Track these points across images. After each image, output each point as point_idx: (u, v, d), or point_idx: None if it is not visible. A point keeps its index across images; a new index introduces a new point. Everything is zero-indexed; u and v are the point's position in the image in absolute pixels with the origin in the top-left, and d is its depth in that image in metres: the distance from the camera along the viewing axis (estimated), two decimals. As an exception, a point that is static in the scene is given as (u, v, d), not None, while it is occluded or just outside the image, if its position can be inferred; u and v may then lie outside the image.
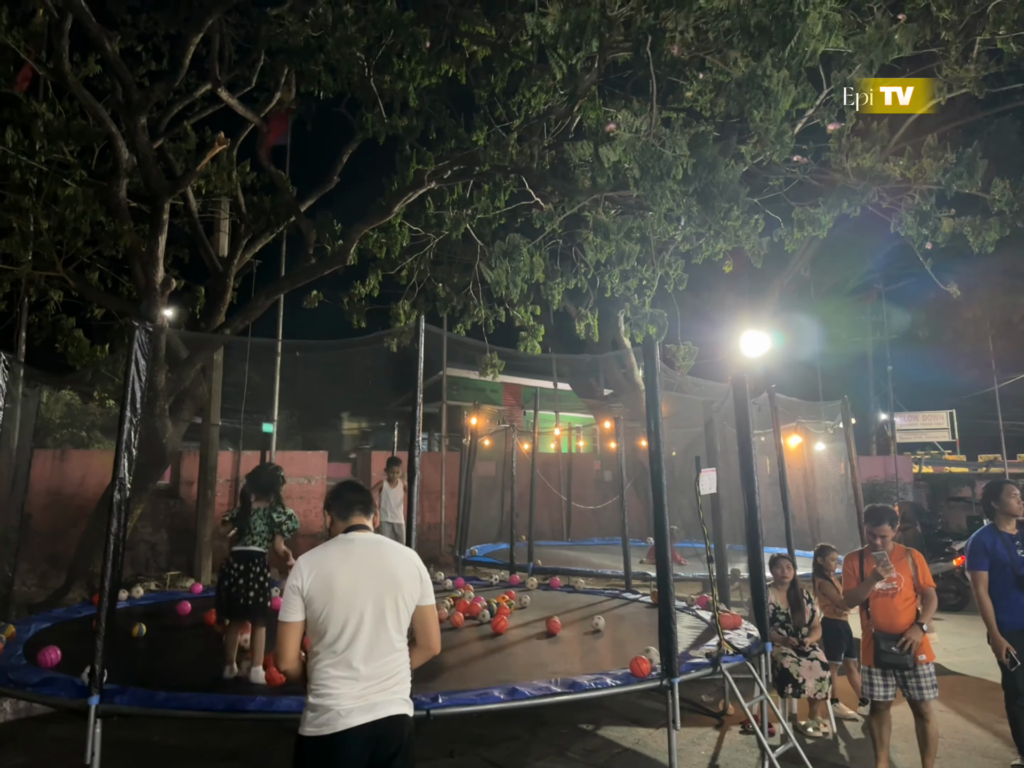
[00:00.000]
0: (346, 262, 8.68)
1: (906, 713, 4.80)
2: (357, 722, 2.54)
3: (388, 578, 2.70)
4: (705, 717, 6.07)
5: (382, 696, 2.61)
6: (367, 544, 2.78)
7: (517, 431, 12.36)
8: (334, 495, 2.96)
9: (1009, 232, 6.40)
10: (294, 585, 2.62)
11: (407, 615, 2.73)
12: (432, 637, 2.83)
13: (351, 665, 2.58)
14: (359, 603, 2.62)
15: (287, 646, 2.62)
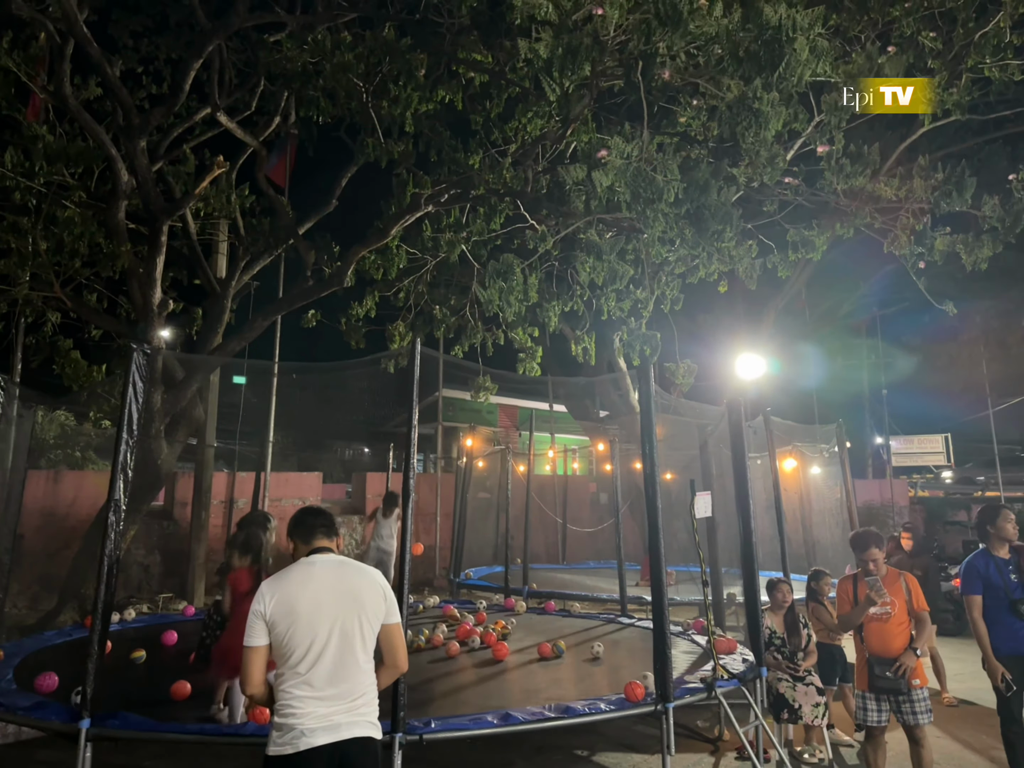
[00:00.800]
0: (344, 284, 8.73)
1: (902, 739, 4.78)
2: (320, 742, 2.57)
3: (351, 598, 2.73)
4: (701, 743, 6.02)
5: (347, 717, 2.64)
6: (328, 565, 2.81)
7: (512, 453, 12.36)
8: (296, 521, 2.99)
9: (1001, 248, 6.48)
10: (257, 610, 2.67)
11: (372, 635, 2.76)
12: (398, 656, 2.85)
13: (314, 686, 2.61)
14: (322, 625, 2.66)
15: (252, 671, 2.65)
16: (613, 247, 6.07)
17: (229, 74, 10.27)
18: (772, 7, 4.66)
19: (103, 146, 8.75)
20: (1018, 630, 4.82)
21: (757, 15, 4.64)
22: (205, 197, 10.06)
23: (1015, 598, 4.87)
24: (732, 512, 5.98)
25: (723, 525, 7.60)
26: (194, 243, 10.25)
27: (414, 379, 3.94)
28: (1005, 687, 4.72)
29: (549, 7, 5.03)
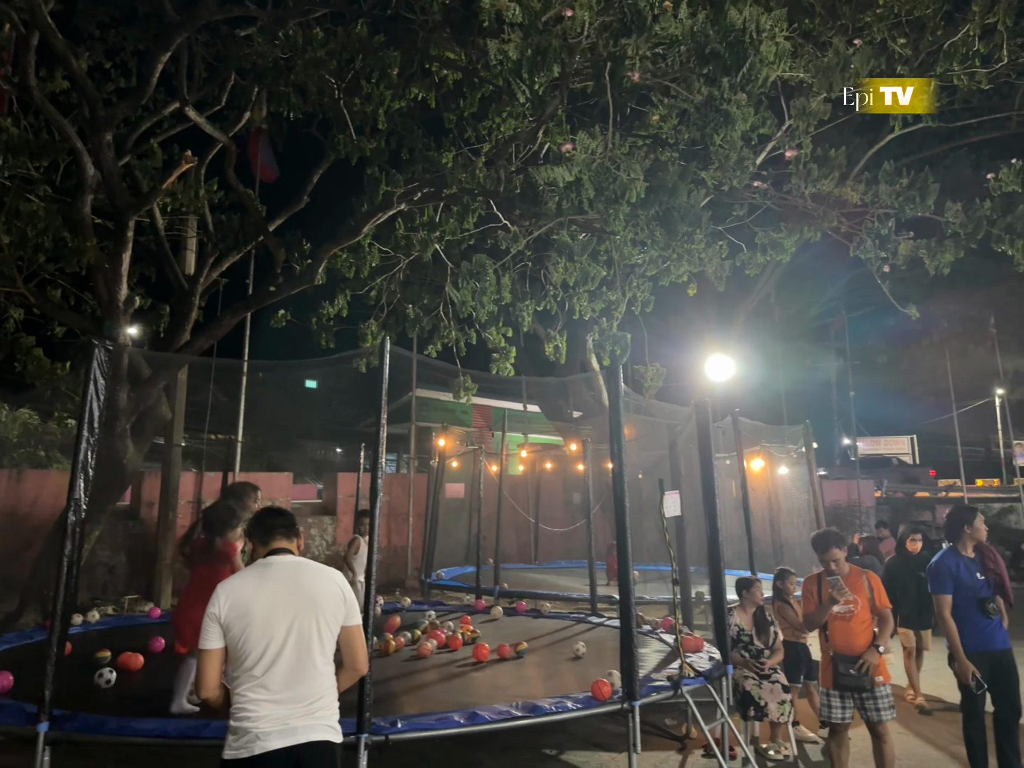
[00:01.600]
0: (314, 282, 8.65)
1: (866, 735, 4.85)
2: (275, 746, 2.53)
3: (308, 600, 2.69)
4: (668, 741, 6.06)
5: (304, 721, 2.60)
6: (285, 567, 2.77)
7: (485, 452, 12.35)
8: (255, 522, 2.95)
9: (963, 254, 6.62)
10: (212, 613, 2.63)
11: (331, 637, 2.72)
12: (358, 658, 2.82)
13: (270, 689, 2.58)
14: (279, 627, 2.62)
15: (207, 674, 2.62)
16: (585, 248, 6.09)
17: (198, 68, 10.12)
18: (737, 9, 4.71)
19: (68, 139, 8.59)
20: (984, 628, 4.93)
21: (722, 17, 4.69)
22: (173, 192, 9.92)
23: (983, 596, 4.99)
24: (701, 511, 6.03)
25: (692, 524, 7.66)
26: (162, 239, 10.09)
27: (383, 377, 3.91)
28: (976, 685, 4.80)
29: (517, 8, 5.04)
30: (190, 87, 9.59)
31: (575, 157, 5.23)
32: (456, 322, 9.06)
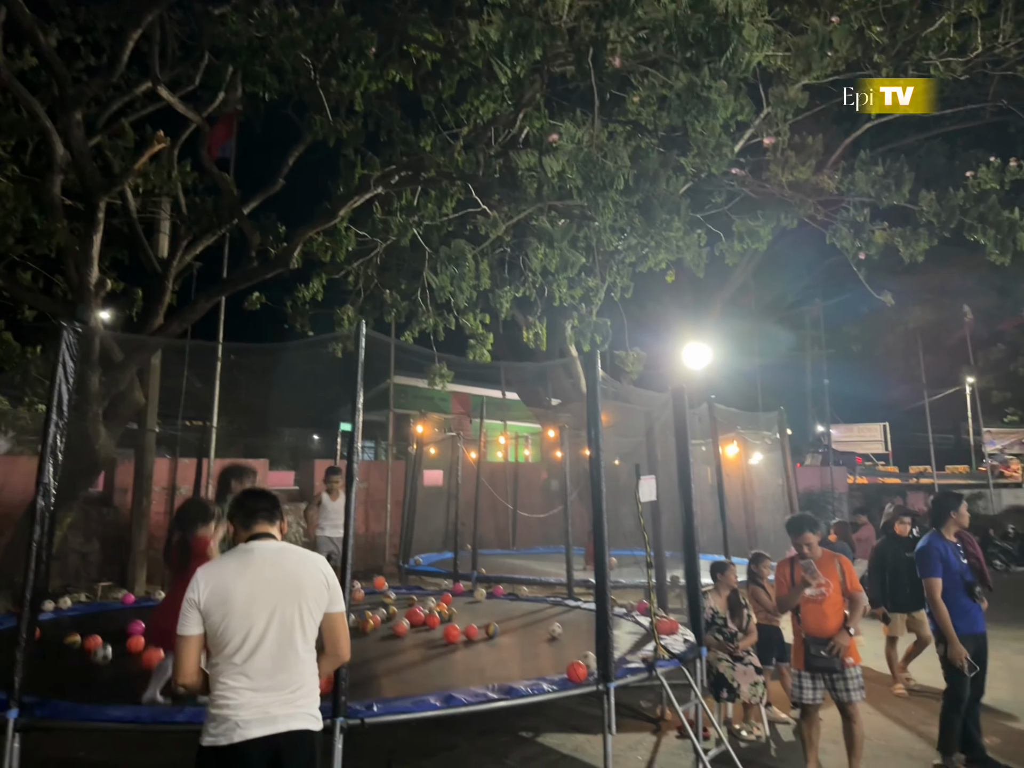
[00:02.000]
0: (289, 265, 8.56)
1: (837, 716, 4.94)
2: (255, 734, 2.51)
3: (291, 587, 2.66)
4: (643, 722, 6.13)
5: (284, 709, 2.57)
6: (268, 552, 2.72)
7: (463, 439, 12.35)
8: (236, 504, 2.90)
9: (937, 242, 6.72)
10: (191, 598, 2.59)
11: (313, 624, 2.69)
12: (341, 645, 2.78)
13: (251, 677, 2.55)
14: (260, 614, 2.59)
15: (186, 660, 2.58)
16: (564, 234, 6.08)
17: (171, 47, 9.93)
18: None
19: (37, 118, 8.40)
20: (970, 610, 5.10)
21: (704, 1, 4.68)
22: (145, 173, 9.74)
23: (968, 580, 5.14)
24: (677, 497, 6.07)
25: (667, 509, 7.72)
26: (134, 221, 9.92)
27: (359, 361, 3.88)
28: (968, 667, 4.94)
29: (499, -10, 5.00)
30: (163, 66, 9.40)
31: (562, 147, 5.20)
32: (434, 308, 9.01)
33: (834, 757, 5.12)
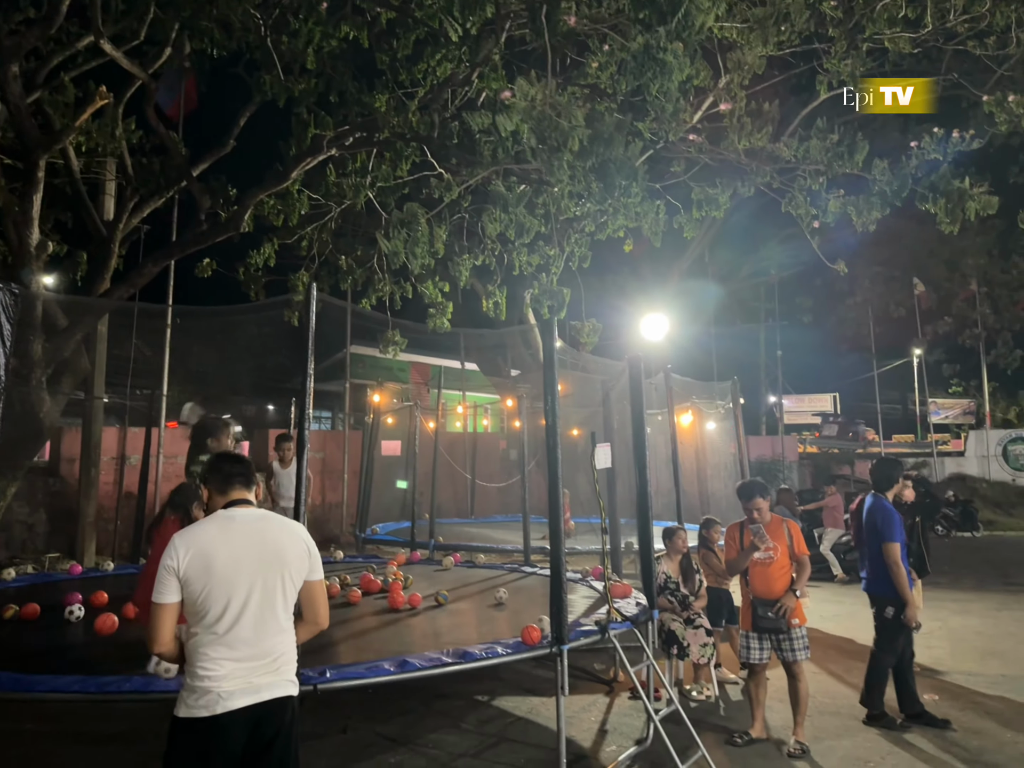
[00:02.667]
0: (240, 229, 8.33)
1: (783, 675, 5.09)
2: (239, 704, 2.47)
3: (273, 555, 2.62)
4: (597, 684, 6.26)
5: (267, 678, 2.55)
6: (249, 520, 2.67)
7: (421, 408, 12.28)
8: (211, 468, 2.84)
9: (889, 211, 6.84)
10: (169, 565, 2.50)
11: (294, 593, 2.67)
12: (320, 613, 2.77)
13: (232, 647, 2.50)
14: (242, 583, 2.54)
15: (162, 628, 2.51)
16: (520, 199, 6.02)
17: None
18: None
19: (-30, 71, 7.97)
20: (908, 573, 5.37)
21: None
22: (88, 131, 9.33)
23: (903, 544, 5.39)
24: (632, 465, 6.13)
25: (622, 477, 7.81)
26: (77, 181, 9.53)
27: (310, 323, 3.80)
28: (917, 626, 5.27)
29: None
30: (105, 19, 8.96)
31: (515, 105, 5.13)
32: (391, 275, 8.88)
33: (780, 715, 5.29)
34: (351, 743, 4.99)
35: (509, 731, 5.25)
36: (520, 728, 5.32)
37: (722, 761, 4.57)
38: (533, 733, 5.19)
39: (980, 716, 5.47)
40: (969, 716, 5.47)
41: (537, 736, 5.09)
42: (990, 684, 6.08)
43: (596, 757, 4.79)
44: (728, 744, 4.90)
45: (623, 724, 5.33)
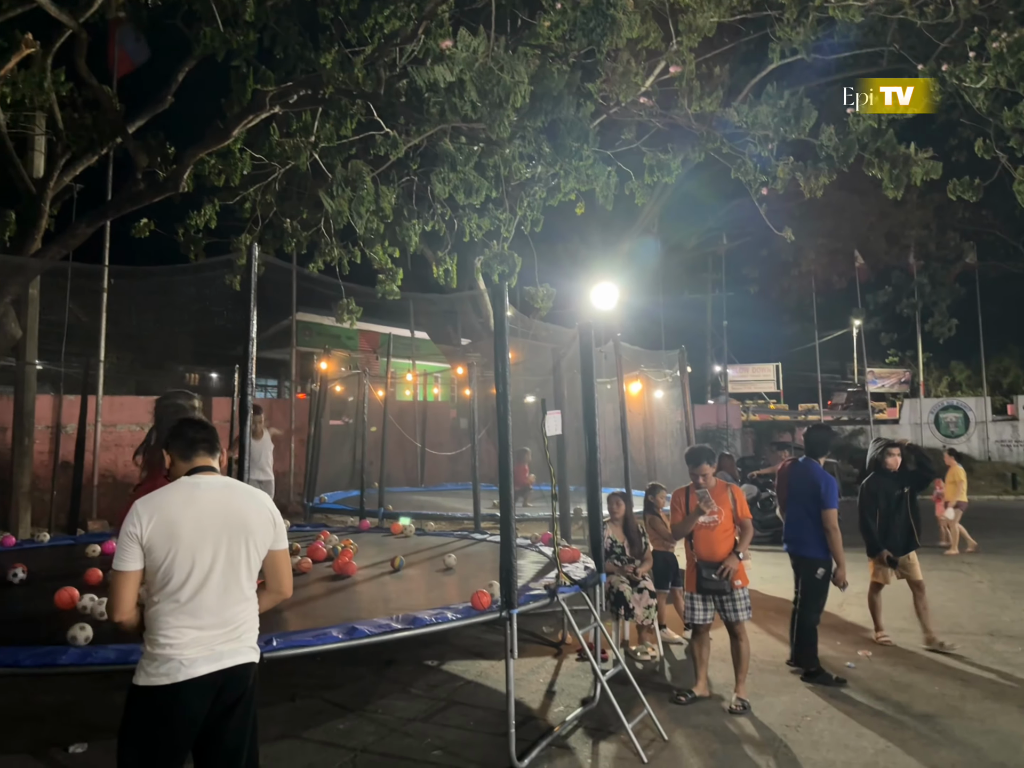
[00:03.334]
0: (179, 189, 8.00)
1: (726, 636, 5.24)
2: (201, 672, 2.46)
3: (238, 524, 2.59)
4: (546, 647, 6.35)
5: (229, 645, 2.54)
6: (214, 488, 2.64)
7: (370, 376, 12.13)
8: (174, 433, 2.76)
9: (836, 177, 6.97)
10: (131, 532, 2.46)
11: (258, 562, 2.66)
12: (284, 582, 2.77)
13: (195, 615, 2.48)
14: (206, 551, 2.51)
15: (124, 596, 2.47)
16: (469, 158, 5.91)
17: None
18: None
19: None
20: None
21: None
22: (13, 82, 8.82)
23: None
24: (581, 433, 6.17)
25: (572, 445, 7.86)
26: (3, 136, 9.03)
27: (251, 284, 3.67)
28: (844, 586, 5.53)
29: None
30: (29, -39, 8.43)
31: (455, 56, 5.00)
32: (338, 239, 8.67)
33: (722, 673, 5.45)
34: (300, 710, 4.97)
35: (458, 694, 5.30)
36: (469, 691, 5.36)
37: (666, 719, 4.69)
38: (482, 696, 5.24)
39: (910, 671, 5.73)
40: (900, 671, 5.73)
41: (486, 699, 5.15)
42: (919, 640, 6.36)
43: (544, 718, 4.86)
44: (672, 702, 5.03)
45: (571, 685, 5.43)
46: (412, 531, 8.40)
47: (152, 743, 2.45)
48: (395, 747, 4.40)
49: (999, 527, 14.17)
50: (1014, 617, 7.28)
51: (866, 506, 6.41)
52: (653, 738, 4.46)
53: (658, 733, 4.49)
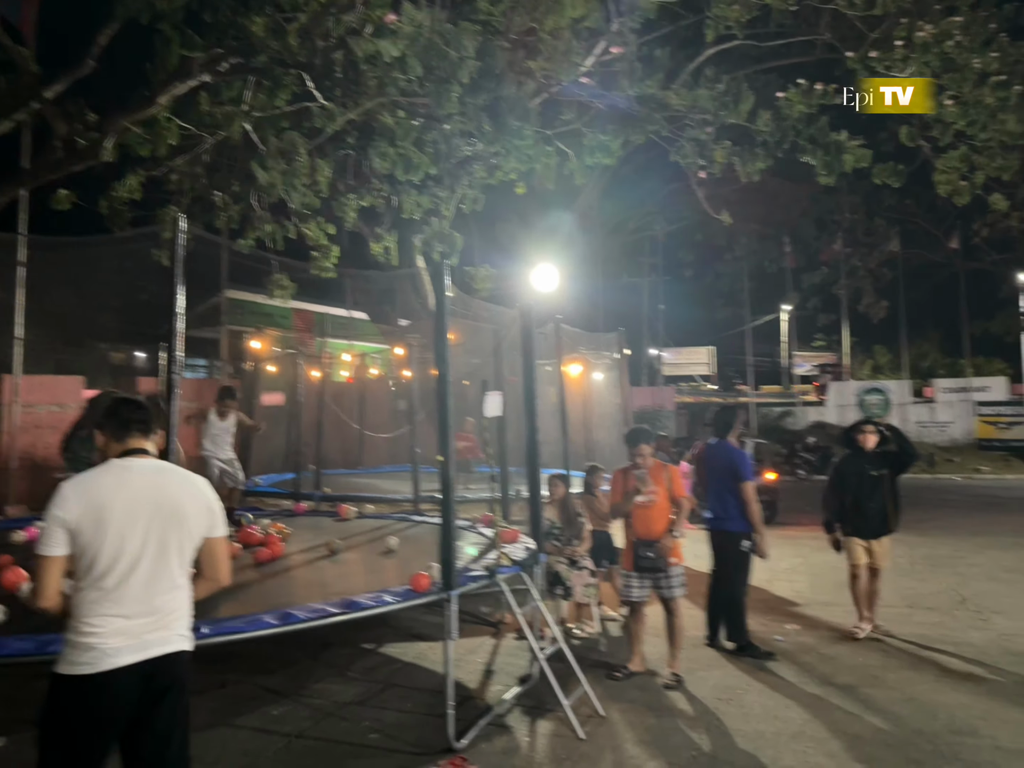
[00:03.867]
0: (101, 158, 7.59)
1: (661, 612, 5.34)
2: (126, 661, 2.36)
3: (171, 510, 2.49)
4: (485, 627, 6.36)
5: (157, 634, 2.44)
6: (147, 472, 2.53)
7: (305, 357, 11.88)
8: (108, 412, 2.64)
9: (772, 162, 7.11)
10: (57, 516, 2.35)
11: (192, 549, 2.56)
12: (220, 569, 2.68)
13: (121, 603, 2.38)
14: (135, 538, 2.41)
15: (48, 582, 2.37)
16: (408, 133, 5.78)
17: None
18: None
19: None
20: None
21: None
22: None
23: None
24: (522, 414, 6.17)
25: (513, 426, 7.86)
26: (-97, 97, 8.39)
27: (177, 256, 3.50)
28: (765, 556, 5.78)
29: None
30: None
31: (400, 30, 4.88)
32: (271, 213, 8.40)
33: (658, 649, 5.55)
34: (231, 697, 4.86)
35: (396, 677, 5.27)
36: (407, 673, 5.34)
37: (603, 695, 4.76)
38: (420, 678, 5.22)
39: (834, 643, 5.96)
40: (825, 644, 5.95)
41: (424, 680, 5.13)
42: (844, 613, 6.61)
43: (483, 697, 4.88)
44: (609, 679, 5.11)
45: (509, 664, 5.45)
46: (354, 515, 8.32)
47: (75, 734, 2.36)
48: (331, 732, 4.35)
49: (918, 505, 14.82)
50: (932, 589, 7.64)
51: (832, 484, 6.29)
52: (590, 714, 4.53)
53: (594, 709, 4.56)
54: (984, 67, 6.91)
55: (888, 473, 6.05)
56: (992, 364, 32.06)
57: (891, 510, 6.04)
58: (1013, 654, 5.58)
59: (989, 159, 7.41)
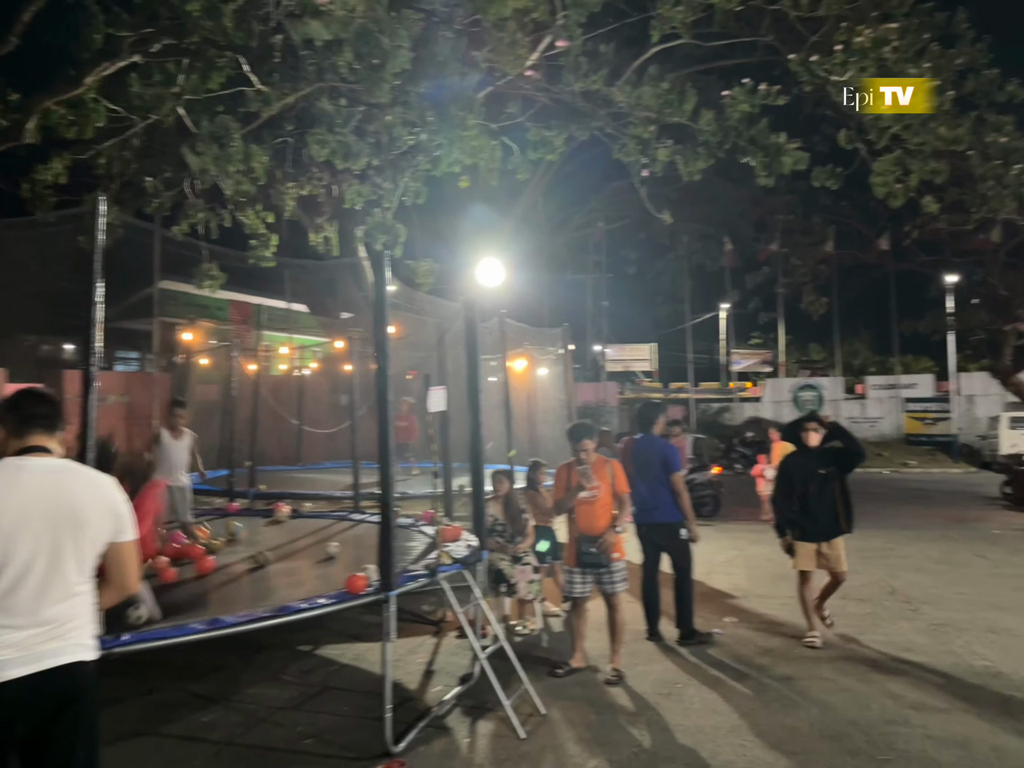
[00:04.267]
0: (24, 139, 7.21)
1: (602, 607, 5.33)
2: (14, 675, 2.17)
3: (68, 514, 2.29)
4: (425, 626, 6.26)
5: (52, 644, 2.25)
6: (44, 472, 2.32)
7: (240, 349, 11.53)
8: (9, 405, 2.42)
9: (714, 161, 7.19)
10: None
11: (93, 555, 2.36)
12: (128, 576, 2.47)
13: (11, 613, 2.19)
14: (24, 543, 2.21)
15: None
16: (348, 120, 5.61)
17: None
18: None
19: None
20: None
21: None
22: None
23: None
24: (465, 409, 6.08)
25: (456, 421, 7.77)
26: None
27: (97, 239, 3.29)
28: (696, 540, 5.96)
29: None
30: None
31: (332, 12, 4.71)
32: (205, 200, 8.10)
33: (599, 643, 5.54)
34: (159, 704, 4.66)
35: (333, 679, 5.14)
36: (345, 675, 5.21)
37: (544, 693, 4.72)
38: (358, 680, 5.10)
39: (772, 636, 6.05)
40: (762, 636, 6.04)
41: (362, 682, 5.01)
42: (780, 605, 6.74)
43: (422, 698, 4.78)
44: (550, 676, 5.08)
45: (450, 664, 5.37)
46: (286, 516, 8.05)
47: None
48: (263, 738, 4.20)
49: (848, 498, 15.31)
50: (863, 581, 7.85)
51: (779, 484, 6.11)
52: (531, 712, 4.48)
53: (535, 707, 4.51)
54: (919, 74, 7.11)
55: (835, 470, 5.80)
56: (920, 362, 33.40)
57: (841, 509, 5.76)
58: (942, 643, 5.76)
59: (922, 163, 7.64)
